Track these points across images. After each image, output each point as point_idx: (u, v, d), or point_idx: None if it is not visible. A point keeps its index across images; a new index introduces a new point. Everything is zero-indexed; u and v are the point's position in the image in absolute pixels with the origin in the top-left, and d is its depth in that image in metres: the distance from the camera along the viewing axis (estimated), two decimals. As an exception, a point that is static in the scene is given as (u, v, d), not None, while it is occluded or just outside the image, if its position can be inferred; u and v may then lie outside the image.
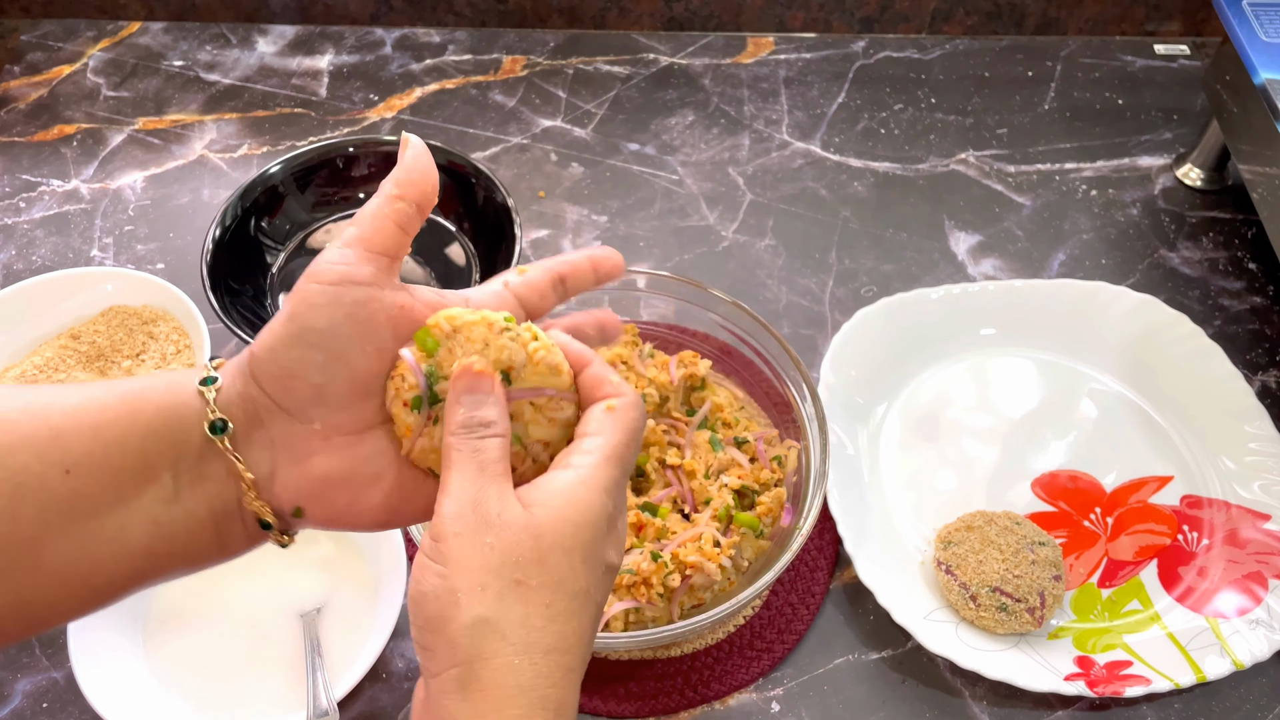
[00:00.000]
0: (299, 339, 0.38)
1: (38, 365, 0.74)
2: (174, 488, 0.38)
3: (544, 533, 0.36)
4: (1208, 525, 0.70)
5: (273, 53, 1.01)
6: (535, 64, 1.01)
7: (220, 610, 0.64)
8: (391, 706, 0.63)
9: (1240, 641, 0.63)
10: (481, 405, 0.38)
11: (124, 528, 0.38)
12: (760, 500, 0.64)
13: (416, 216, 0.40)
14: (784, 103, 0.98)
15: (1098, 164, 0.94)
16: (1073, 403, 0.77)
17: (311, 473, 0.39)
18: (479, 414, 0.37)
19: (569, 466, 0.38)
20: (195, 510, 0.39)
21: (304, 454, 0.39)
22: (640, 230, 0.88)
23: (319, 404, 0.39)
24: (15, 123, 0.95)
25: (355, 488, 0.40)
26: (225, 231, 0.79)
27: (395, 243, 0.40)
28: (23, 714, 0.63)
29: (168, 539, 0.38)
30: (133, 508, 0.38)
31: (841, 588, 0.68)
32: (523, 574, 0.35)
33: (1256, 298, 0.84)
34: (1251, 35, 0.78)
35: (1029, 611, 0.63)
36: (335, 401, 0.39)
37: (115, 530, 0.37)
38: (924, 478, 0.72)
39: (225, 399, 0.39)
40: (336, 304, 0.38)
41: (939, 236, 0.88)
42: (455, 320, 0.39)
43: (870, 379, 0.76)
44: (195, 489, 0.39)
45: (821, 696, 0.64)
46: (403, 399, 0.39)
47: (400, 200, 0.40)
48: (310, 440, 0.39)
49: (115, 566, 0.38)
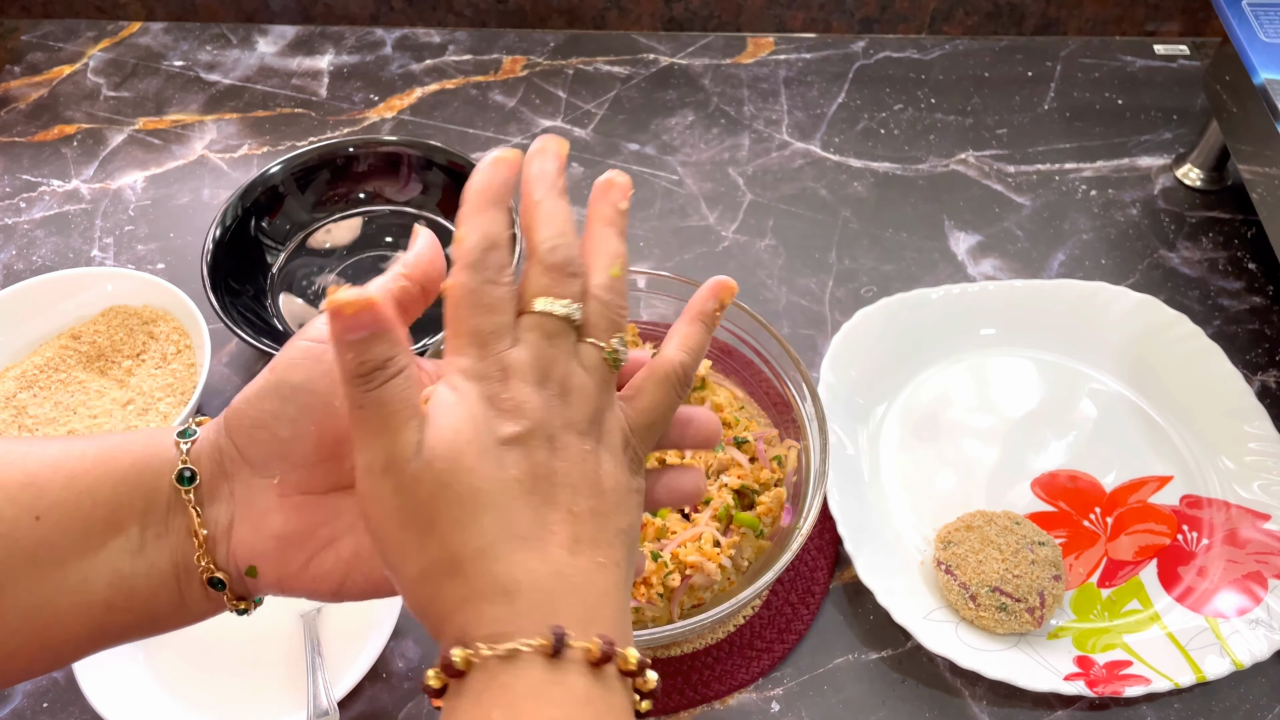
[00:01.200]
0: (273, 391, 0.38)
1: (38, 365, 0.74)
2: (140, 540, 0.38)
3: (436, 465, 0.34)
4: (1207, 525, 0.70)
5: (273, 53, 1.01)
6: (535, 64, 1.01)
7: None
8: (392, 706, 0.63)
9: (1240, 641, 0.63)
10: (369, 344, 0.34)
11: (87, 578, 0.37)
12: (760, 500, 0.64)
13: (420, 298, 0.39)
14: (784, 103, 0.98)
15: (1097, 164, 0.94)
16: (1072, 403, 0.77)
17: (266, 530, 0.39)
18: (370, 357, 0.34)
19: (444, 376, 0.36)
20: (158, 563, 0.38)
21: (262, 510, 0.39)
22: (640, 230, 0.88)
23: (282, 458, 0.38)
24: (16, 123, 0.95)
25: (309, 550, 0.39)
26: (225, 231, 0.79)
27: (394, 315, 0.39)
28: (23, 714, 0.63)
29: (128, 592, 0.38)
30: (98, 558, 0.37)
31: (841, 588, 0.68)
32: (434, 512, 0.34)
33: (1256, 298, 0.84)
34: (1251, 35, 0.78)
35: (1029, 611, 0.63)
36: (298, 458, 0.39)
37: (78, 581, 0.37)
38: (924, 478, 0.72)
39: (198, 450, 0.39)
40: (317, 361, 0.38)
41: (939, 236, 0.88)
42: None
43: (870, 379, 0.76)
44: (160, 542, 0.38)
45: (821, 696, 0.64)
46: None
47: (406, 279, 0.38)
48: (268, 495, 0.39)
49: (75, 619, 0.37)
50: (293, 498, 0.39)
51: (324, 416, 0.38)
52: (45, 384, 0.73)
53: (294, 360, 0.38)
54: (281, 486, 0.39)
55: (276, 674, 0.62)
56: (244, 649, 0.63)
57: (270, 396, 0.38)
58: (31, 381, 0.73)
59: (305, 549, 0.39)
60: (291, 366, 0.38)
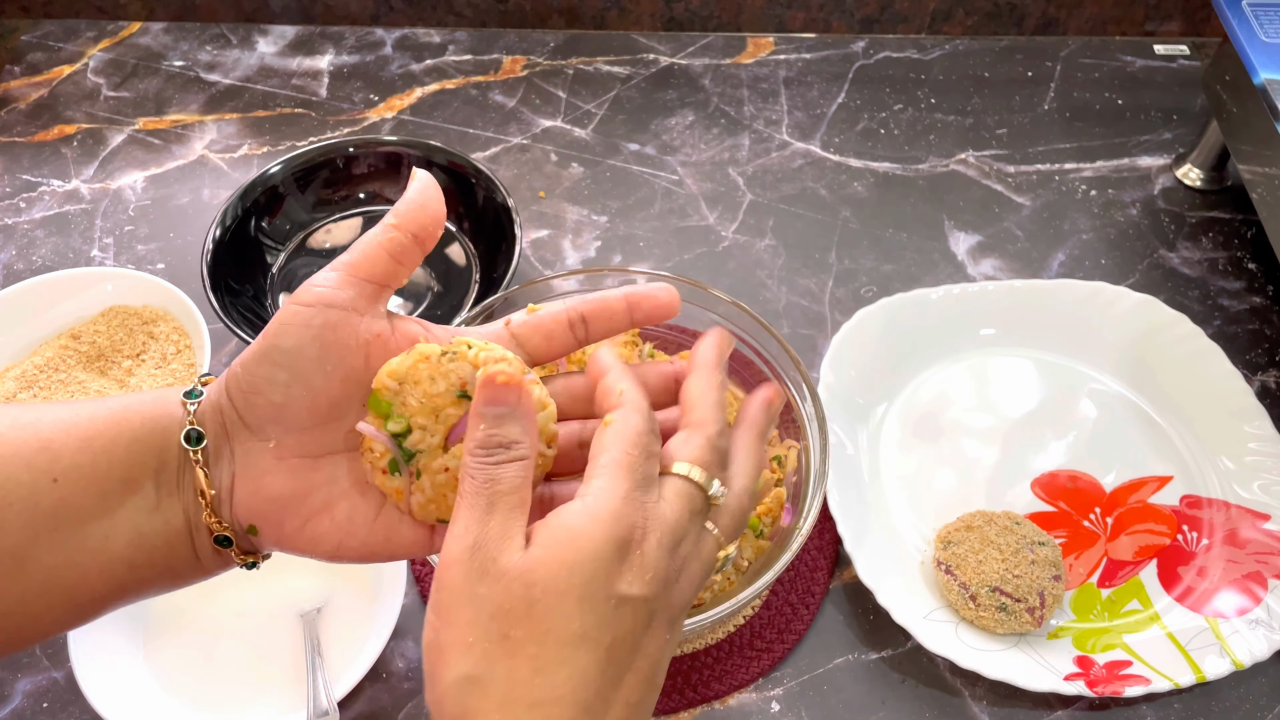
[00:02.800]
0: (266, 356, 0.38)
1: (38, 365, 0.74)
2: (155, 498, 0.39)
3: (536, 579, 0.33)
4: (1207, 525, 0.70)
5: (273, 53, 1.01)
6: (535, 64, 1.01)
7: (221, 610, 0.65)
8: (392, 706, 0.63)
9: (1240, 641, 0.63)
10: (503, 421, 0.35)
11: (108, 537, 0.38)
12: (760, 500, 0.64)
13: (413, 248, 0.39)
14: (784, 103, 0.98)
15: (1097, 164, 0.94)
16: (1072, 403, 0.77)
17: (263, 492, 0.39)
18: (500, 432, 0.35)
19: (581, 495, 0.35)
20: (173, 520, 0.39)
21: (259, 472, 0.39)
22: (640, 230, 0.88)
23: (277, 422, 0.39)
24: (16, 123, 0.95)
25: (305, 513, 0.39)
26: (225, 231, 0.79)
27: (384, 271, 0.39)
28: (23, 714, 0.63)
29: (149, 549, 0.39)
30: (117, 517, 0.38)
31: (841, 587, 0.69)
32: (510, 626, 0.33)
33: (1256, 298, 0.84)
34: (1251, 35, 0.78)
35: (1028, 611, 0.63)
36: (293, 422, 0.39)
37: (100, 540, 0.38)
38: (924, 477, 0.73)
39: (203, 411, 0.39)
40: (306, 325, 0.38)
41: (939, 236, 0.88)
42: (397, 373, 0.38)
43: (870, 379, 0.76)
44: (173, 500, 0.39)
45: (821, 696, 0.64)
46: (379, 468, 0.39)
47: (396, 230, 0.39)
48: (265, 458, 0.39)
49: (99, 577, 0.38)
50: (289, 461, 0.39)
51: (316, 381, 0.38)
52: (45, 384, 0.73)
53: (285, 325, 0.38)
54: (278, 450, 0.39)
55: (276, 674, 0.62)
56: (244, 649, 0.63)
57: (263, 362, 0.38)
58: (31, 381, 0.73)
59: (301, 512, 0.39)
60: (283, 332, 0.38)
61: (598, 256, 0.86)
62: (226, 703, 0.61)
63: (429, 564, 0.67)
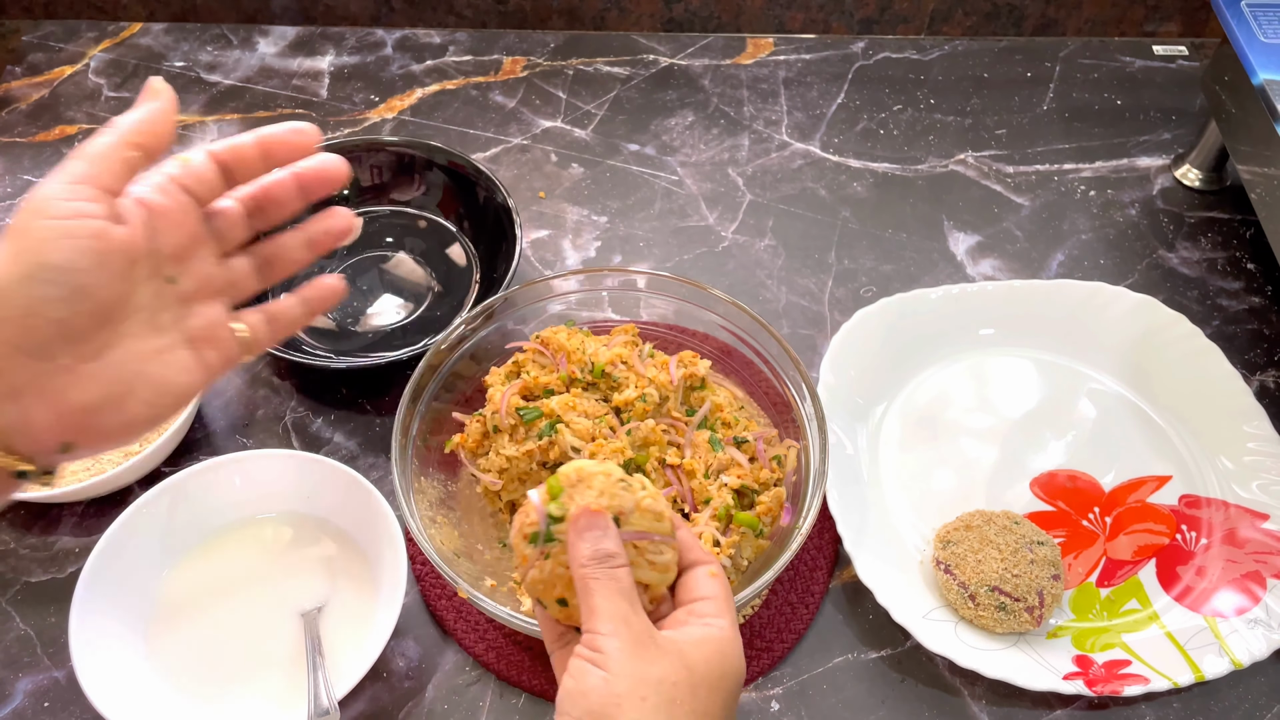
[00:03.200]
0: (31, 277, 0.38)
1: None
2: None
3: (696, 669, 0.41)
4: (1206, 525, 0.70)
5: (274, 53, 1.02)
6: (535, 65, 1.01)
7: (221, 609, 0.65)
8: (392, 705, 0.63)
9: (1239, 641, 0.63)
10: (603, 539, 0.43)
11: None
12: (760, 500, 0.64)
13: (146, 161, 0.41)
14: (783, 103, 0.98)
15: (1096, 164, 0.94)
16: (1071, 403, 0.77)
17: (70, 407, 0.40)
18: (604, 546, 0.42)
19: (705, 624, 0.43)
20: None
21: (57, 391, 0.40)
22: (640, 230, 0.88)
23: (63, 339, 0.39)
24: (16, 123, 0.95)
25: (117, 406, 0.41)
26: (226, 232, 0.79)
27: (123, 184, 0.41)
28: (24, 713, 0.63)
29: None
30: None
31: (841, 587, 0.69)
32: (677, 696, 0.40)
33: (1255, 298, 0.84)
34: (1250, 36, 0.79)
35: (1028, 611, 0.63)
36: (79, 334, 0.39)
37: None
38: (923, 477, 0.73)
39: None
40: (72, 237, 0.38)
41: (938, 237, 0.88)
42: (582, 471, 0.44)
43: (870, 379, 0.76)
44: None
45: (821, 695, 0.64)
46: (524, 533, 0.44)
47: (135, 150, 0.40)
48: (58, 377, 0.39)
49: None
50: (80, 369, 0.40)
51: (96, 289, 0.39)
52: None
53: (46, 239, 0.38)
54: (70, 364, 0.40)
55: (277, 673, 0.62)
56: (244, 648, 0.63)
57: (30, 282, 0.38)
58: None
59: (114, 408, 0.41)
60: (46, 246, 0.38)
61: (598, 256, 0.86)
62: (227, 702, 0.61)
63: (429, 564, 0.68)
